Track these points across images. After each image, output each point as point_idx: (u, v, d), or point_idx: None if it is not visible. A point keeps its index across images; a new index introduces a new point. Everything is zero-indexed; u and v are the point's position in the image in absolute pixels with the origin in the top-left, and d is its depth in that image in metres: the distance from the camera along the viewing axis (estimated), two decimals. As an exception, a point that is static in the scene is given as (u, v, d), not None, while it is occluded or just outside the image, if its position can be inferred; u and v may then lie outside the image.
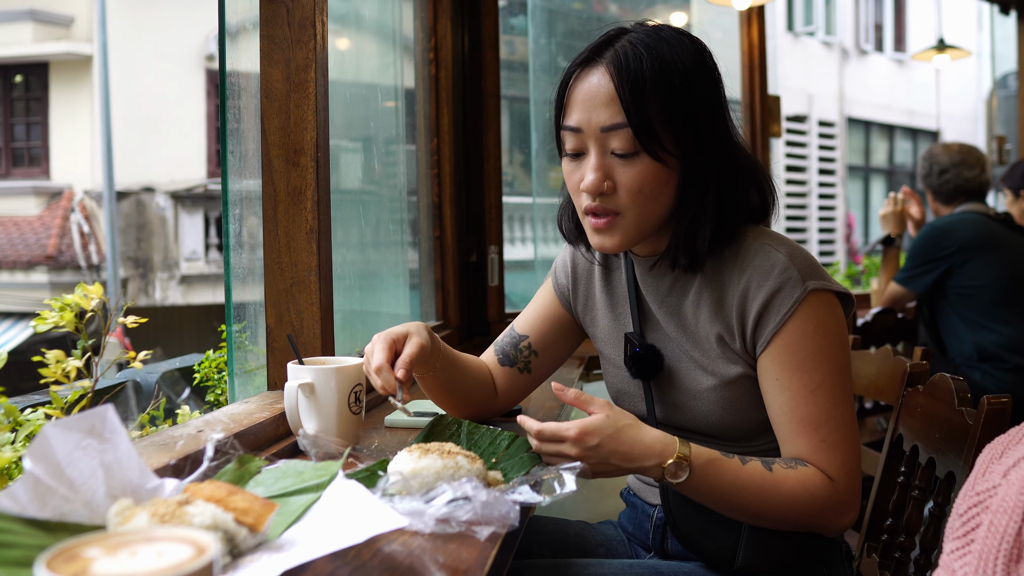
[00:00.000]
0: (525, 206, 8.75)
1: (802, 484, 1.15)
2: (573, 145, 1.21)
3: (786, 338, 1.18)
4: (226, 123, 1.52)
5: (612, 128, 1.17)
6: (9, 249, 11.29)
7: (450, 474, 1.01)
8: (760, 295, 1.19)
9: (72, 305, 1.37)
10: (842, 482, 1.17)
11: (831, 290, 1.19)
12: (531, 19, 3.16)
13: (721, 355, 1.24)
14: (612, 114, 1.17)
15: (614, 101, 1.16)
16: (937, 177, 3.25)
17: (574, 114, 1.20)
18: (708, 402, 1.26)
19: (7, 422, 1.32)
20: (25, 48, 11.59)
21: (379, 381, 1.23)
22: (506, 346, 1.47)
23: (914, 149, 16.53)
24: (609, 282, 1.40)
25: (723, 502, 1.16)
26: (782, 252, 1.20)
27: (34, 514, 0.77)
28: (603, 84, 1.17)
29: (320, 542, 0.83)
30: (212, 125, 11.92)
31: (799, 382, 1.17)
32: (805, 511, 1.16)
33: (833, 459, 1.17)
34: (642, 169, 1.17)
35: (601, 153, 1.19)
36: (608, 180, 1.19)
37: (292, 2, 1.45)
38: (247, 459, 0.99)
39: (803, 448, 1.18)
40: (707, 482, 1.14)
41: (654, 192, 1.19)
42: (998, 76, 7.11)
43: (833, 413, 1.17)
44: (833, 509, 1.16)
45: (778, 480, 1.15)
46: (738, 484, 1.15)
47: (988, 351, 2.98)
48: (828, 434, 1.17)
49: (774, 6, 12.20)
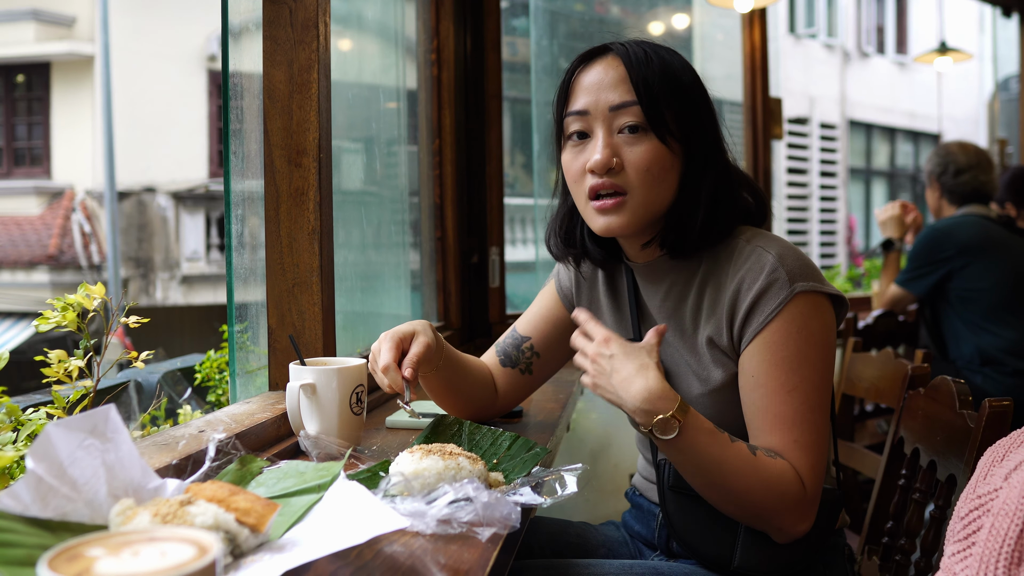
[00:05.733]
0: (527, 207, 8.74)
1: (779, 475, 1.14)
2: (578, 127, 1.24)
3: (769, 337, 1.17)
4: (228, 124, 1.52)
5: (621, 106, 1.21)
6: (10, 249, 11.29)
7: (451, 475, 1.02)
8: (749, 295, 1.19)
9: (74, 305, 1.37)
10: (810, 485, 1.15)
11: (822, 292, 1.19)
12: (533, 21, 3.16)
13: (712, 359, 1.25)
14: (621, 93, 1.21)
15: (624, 81, 1.21)
16: (952, 177, 3.18)
17: (580, 99, 1.24)
18: (701, 407, 1.26)
19: (9, 421, 1.32)
20: (27, 48, 11.60)
21: (386, 380, 1.24)
22: (508, 347, 1.47)
23: (915, 152, 16.52)
24: (613, 287, 1.41)
25: (700, 473, 1.15)
26: (772, 253, 1.20)
27: (36, 513, 0.77)
28: (611, 69, 1.23)
29: (322, 542, 0.83)
30: (214, 125, 11.92)
31: (776, 381, 1.17)
32: (774, 503, 1.14)
33: (804, 461, 1.15)
34: (649, 148, 1.21)
35: (608, 132, 1.22)
36: (616, 157, 1.21)
37: (295, 3, 1.46)
38: (249, 459, 0.99)
39: (775, 444, 1.17)
40: (694, 448, 1.13)
41: (660, 174, 1.21)
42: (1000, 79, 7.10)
43: (808, 416, 1.16)
44: (797, 510, 1.15)
45: (758, 465, 1.13)
46: (722, 459, 1.13)
47: (989, 354, 2.98)
48: (801, 435, 1.16)
49: (776, 8, 12.20)
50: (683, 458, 1.15)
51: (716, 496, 1.17)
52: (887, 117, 15.79)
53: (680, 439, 1.12)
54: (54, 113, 11.90)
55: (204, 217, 11.77)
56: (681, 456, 1.14)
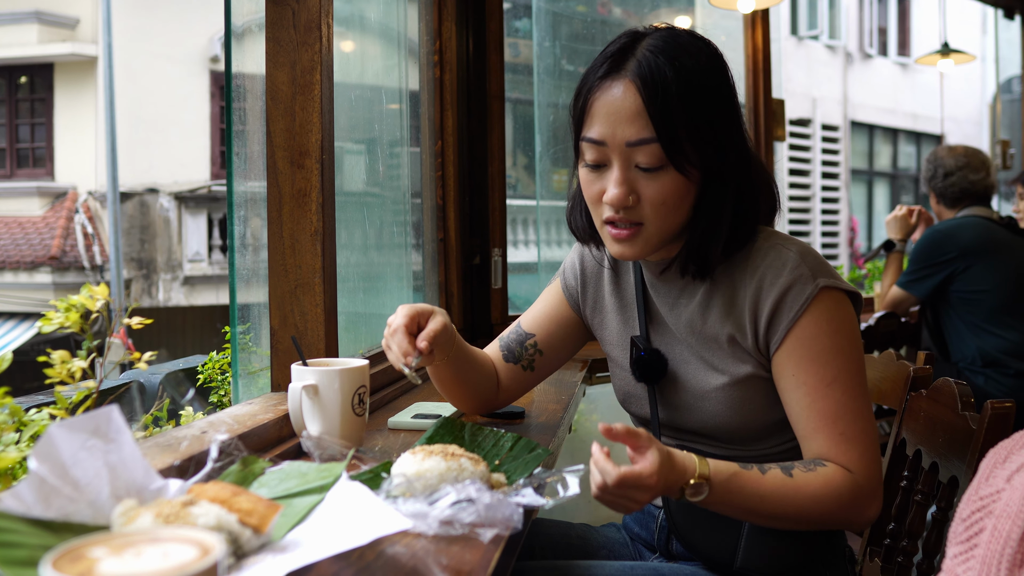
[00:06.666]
0: (529, 208, 8.75)
1: (824, 484, 1.14)
2: (594, 157, 1.19)
3: (800, 334, 1.18)
4: (231, 125, 1.52)
5: (639, 143, 1.16)
6: (13, 250, 11.30)
7: (454, 476, 1.02)
8: (772, 293, 1.19)
9: (78, 306, 1.38)
10: (863, 474, 1.16)
11: (841, 288, 1.20)
12: (535, 22, 3.16)
13: (731, 354, 1.25)
14: (638, 129, 1.15)
15: (640, 115, 1.15)
16: (942, 180, 3.23)
17: (596, 126, 1.18)
18: (715, 402, 1.26)
19: (12, 422, 1.33)
20: (30, 49, 11.61)
21: (395, 347, 1.24)
22: (512, 343, 1.48)
23: (918, 153, 16.51)
24: (618, 285, 1.41)
25: (749, 513, 1.15)
26: (793, 250, 1.21)
27: (39, 514, 0.77)
28: (628, 98, 1.15)
29: (324, 543, 0.83)
30: (216, 127, 11.93)
31: (815, 376, 1.17)
32: (832, 509, 1.15)
33: (852, 452, 1.16)
34: (666, 182, 1.17)
35: (625, 167, 1.18)
36: (632, 193, 1.18)
37: (298, 4, 1.46)
38: (251, 460, 0.99)
39: (822, 443, 1.17)
40: (730, 497, 1.12)
41: (676, 204, 1.19)
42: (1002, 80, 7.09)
43: (850, 406, 1.17)
44: (857, 504, 1.16)
45: (799, 484, 1.14)
46: (761, 494, 1.13)
47: (991, 356, 2.97)
48: (847, 427, 1.17)
49: (778, 10, 12.19)
50: (728, 507, 1.14)
51: (778, 524, 1.17)
52: (889, 118, 15.79)
53: (713, 494, 1.11)
54: (57, 114, 11.91)
55: (206, 218, 11.78)
56: (725, 507, 1.14)
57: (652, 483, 1.06)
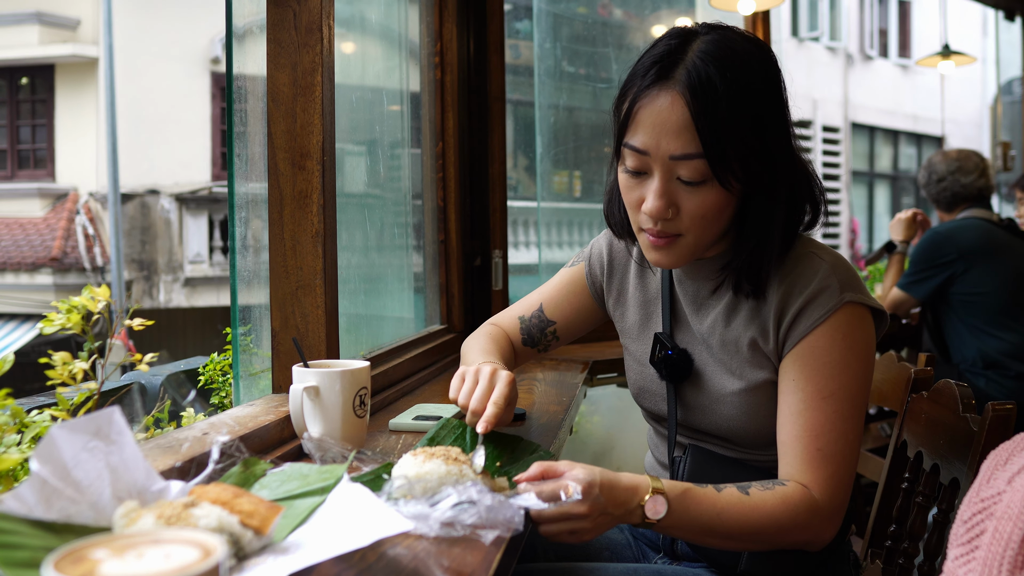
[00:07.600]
0: (529, 210, 8.74)
1: (782, 503, 1.13)
2: (635, 164, 1.17)
3: (813, 342, 1.17)
4: (232, 126, 1.52)
5: (683, 158, 1.12)
6: (14, 251, 11.31)
7: (455, 478, 1.02)
8: (799, 299, 1.19)
9: (79, 307, 1.38)
10: (825, 495, 1.14)
11: (867, 305, 1.19)
12: (536, 23, 3.16)
13: (750, 360, 1.24)
14: (684, 143, 1.12)
15: (688, 129, 1.11)
16: (935, 185, 3.27)
17: (640, 135, 1.14)
18: (731, 406, 1.26)
19: (13, 423, 1.33)
20: (31, 50, 11.62)
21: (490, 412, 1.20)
22: (533, 328, 1.51)
23: (918, 155, 16.51)
24: (643, 278, 1.41)
25: (707, 532, 1.13)
26: (826, 261, 1.20)
27: (40, 515, 0.77)
28: (676, 110, 1.11)
29: (325, 545, 0.83)
30: (217, 128, 11.93)
31: (814, 386, 1.17)
32: (788, 528, 1.13)
33: (823, 470, 1.15)
34: (708, 196, 1.15)
35: (666, 179, 1.15)
36: (672, 206, 1.16)
37: (299, 6, 1.46)
38: (252, 462, 0.99)
39: (799, 453, 1.16)
40: (687, 513, 1.10)
41: (716, 216, 1.17)
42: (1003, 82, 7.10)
43: (838, 425, 1.16)
44: (812, 525, 1.14)
45: (756, 503, 1.13)
46: (717, 510, 1.11)
47: (992, 358, 2.97)
48: (826, 444, 1.15)
49: (779, 11, 12.20)
50: (686, 527, 1.12)
51: (735, 545, 1.16)
52: (890, 120, 15.80)
53: (672, 511, 1.09)
54: (58, 115, 11.92)
55: (207, 219, 11.79)
56: (683, 526, 1.12)
57: (583, 511, 1.03)
